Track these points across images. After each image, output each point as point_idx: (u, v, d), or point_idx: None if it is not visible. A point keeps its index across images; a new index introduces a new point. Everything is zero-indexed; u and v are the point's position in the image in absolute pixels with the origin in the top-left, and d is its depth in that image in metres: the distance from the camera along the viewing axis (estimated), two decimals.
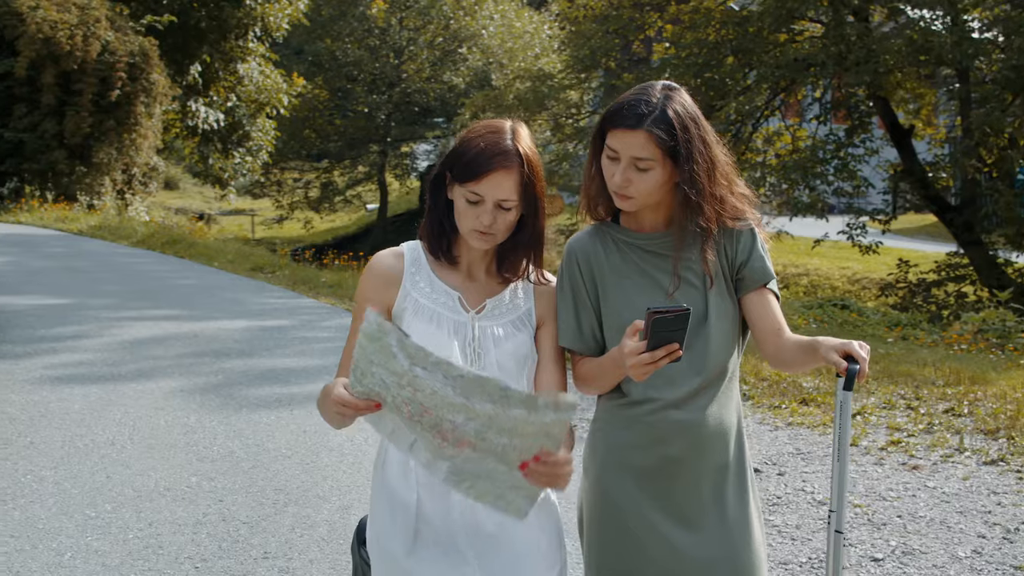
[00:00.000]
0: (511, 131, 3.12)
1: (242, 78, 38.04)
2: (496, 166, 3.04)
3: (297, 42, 47.52)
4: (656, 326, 2.75)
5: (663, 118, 3.06)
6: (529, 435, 2.67)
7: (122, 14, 31.48)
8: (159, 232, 24.83)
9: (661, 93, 3.12)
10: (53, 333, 12.20)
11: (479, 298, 3.21)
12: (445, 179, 3.16)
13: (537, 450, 2.69)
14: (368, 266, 3.26)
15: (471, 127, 3.19)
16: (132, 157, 31.81)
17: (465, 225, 3.10)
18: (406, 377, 2.68)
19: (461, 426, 2.69)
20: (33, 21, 28.49)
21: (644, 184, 3.10)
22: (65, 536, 6.20)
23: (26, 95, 29.85)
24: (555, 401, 2.61)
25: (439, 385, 2.66)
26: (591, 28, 27.93)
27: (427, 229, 3.24)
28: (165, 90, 31.32)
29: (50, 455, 7.67)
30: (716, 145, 3.19)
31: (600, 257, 3.27)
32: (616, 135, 3.10)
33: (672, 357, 2.81)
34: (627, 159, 3.08)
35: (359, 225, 53.30)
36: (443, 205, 3.19)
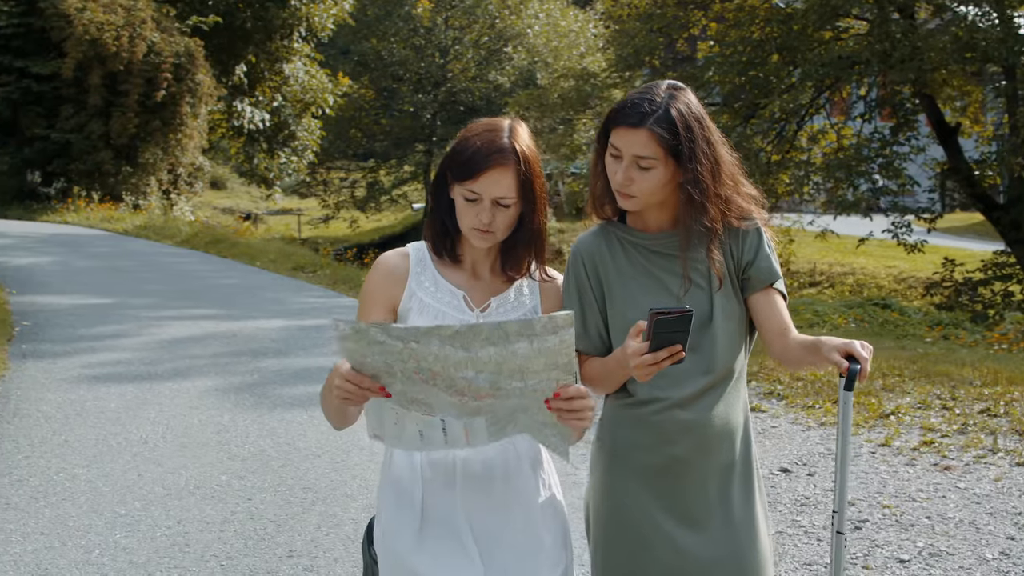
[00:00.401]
0: (508, 129, 3.11)
1: (287, 78, 38.22)
2: (493, 163, 3.04)
3: (343, 42, 47.69)
4: (658, 327, 2.74)
5: (666, 117, 3.05)
6: (540, 370, 2.70)
7: (168, 15, 31.71)
8: (203, 232, 24.98)
9: (666, 92, 3.11)
10: (92, 332, 12.31)
11: (484, 297, 3.21)
12: (446, 179, 3.16)
13: (554, 386, 2.73)
14: (374, 265, 3.26)
15: (469, 126, 3.19)
16: (178, 157, 32.05)
17: (465, 223, 3.10)
18: (404, 353, 2.67)
19: (474, 380, 2.71)
20: (80, 23, 28.74)
21: (646, 183, 3.09)
22: (94, 534, 6.25)
23: (73, 96, 30.14)
24: (551, 320, 2.64)
25: (437, 348, 2.66)
26: (635, 26, 27.83)
27: (430, 229, 3.24)
28: (210, 90, 31.52)
29: (83, 453, 7.73)
30: (721, 145, 3.18)
31: (606, 257, 3.26)
32: (619, 133, 3.08)
33: (675, 358, 2.80)
34: (629, 157, 3.07)
35: (405, 224, 53.36)
36: (445, 205, 3.18)
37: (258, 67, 37.06)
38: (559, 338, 2.66)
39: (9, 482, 7.10)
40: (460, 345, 2.66)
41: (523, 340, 2.65)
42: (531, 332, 2.64)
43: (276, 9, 34.99)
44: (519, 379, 2.72)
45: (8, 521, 6.42)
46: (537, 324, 2.64)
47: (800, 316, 15.19)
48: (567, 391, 2.77)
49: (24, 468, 7.39)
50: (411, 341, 2.66)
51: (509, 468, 3.16)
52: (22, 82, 30.27)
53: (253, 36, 35.71)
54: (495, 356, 2.67)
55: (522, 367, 2.69)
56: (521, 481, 3.18)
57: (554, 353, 2.68)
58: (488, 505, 3.13)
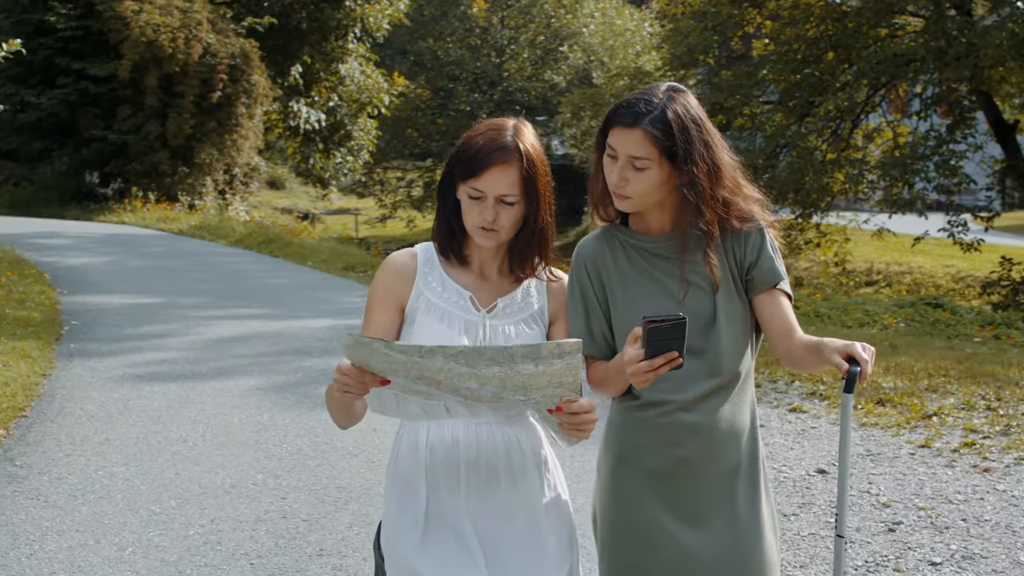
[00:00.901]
0: (513, 128, 3.13)
1: (343, 78, 38.39)
2: (495, 161, 3.05)
3: (400, 42, 47.85)
4: (652, 335, 2.74)
5: (661, 118, 3.04)
6: (543, 386, 2.72)
7: (224, 17, 31.93)
8: (256, 232, 25.14)
9: (664, 94, 3.11)
10: (140, 332, 12.41)
11: (491, 297, 3.21)
12: (452, 179, 3.16)
13: (558, 400, 2.77)
14: (382, 265, 3.27)
15: (474, 126, 3.20)
16: (233, 157, 32.29)
17: (470, 222, 3.11)
18: (409, 363, 2.70)
19: (477, 391, 2.73)
20: (136, 25, 28.99)
21: (640, 184, 3.08)
22: (129, 532, 6.30)
23: (130, 97, 30.42)
24: (559, 347, 2.65)
25: (441, 364, 2.68)
26: (689, 25, 27.76)
27: (437, 230, 3.25)
28: (266, 91, 31.72)
29: (124, 452, 7.79)
30: (721, 149, 3.17)
31: (607, 261, 3.26)
32: (615, 133, 3.09)
33: (672, 365, 2.79)
34: (624, 158, 3.07)
35: None
36: (451, 205, 3.19)
37: (313, 67, 37.24)
38: (565, 363, 2.68)
39: (49, 480, 7.17)
40: (464, 363, 2.68)
41: (529, 362, 2.67)
42: (537, 356, 2.66)
43: (331, 10, 35.14)
44: (522, 394, 2.75)
45: (45, 518, 6.48)
46: (544, 349, 2.66)
47: (850, 315, 15.10)
48: (570, 406, 2.81)
49: (64, 466, 7.46)
50: (415, 356, 2.68)
51: (514, 470, 3.16)
52: (80, 84, 30.58)
53: (308, 37, 35.89)
54: (499, 374, 2.69)
55: (526, 384, 2.72)
56: (526, 483, 3.18)
57: (559, 374, 2.70)
58: (493, 507, 3.14)
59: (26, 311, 13.09)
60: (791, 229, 26.14)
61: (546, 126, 48.03)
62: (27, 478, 7.20)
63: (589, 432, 2.90)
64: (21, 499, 6.81)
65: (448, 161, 3.19)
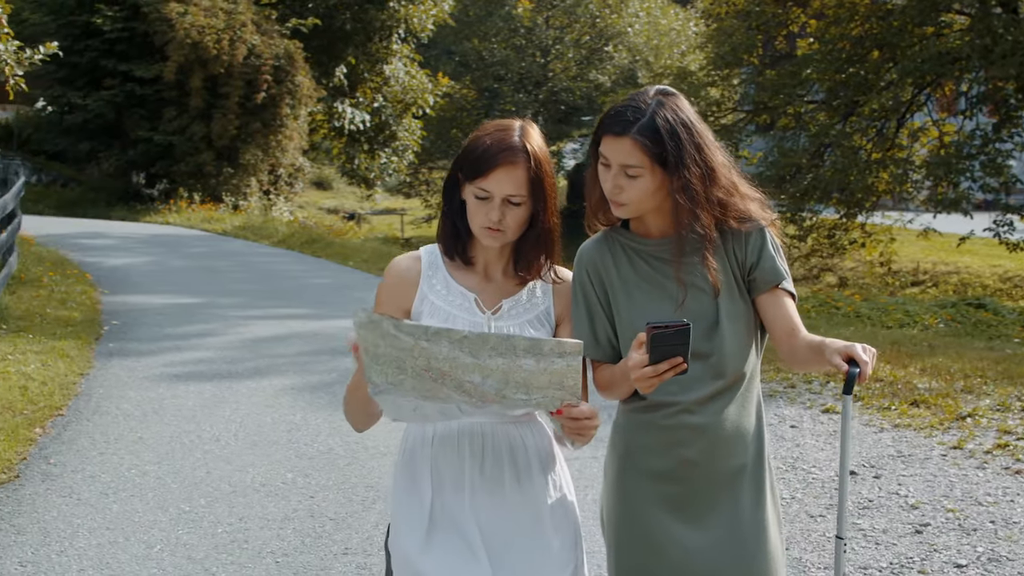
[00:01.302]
0: (520, 129, 3.13)
1: (388, 79, 38.48)
2: (502, 161, 3.05)
3: (445, 43, 47.90)
4: (655, 341, 2.76)
5: (649, 125, 3.04)
6: (544, 387, 2.74)
7: (269, 18, 32.09)
8: (299, 232, 25.27)
9: (653, 99, 3.10)
10: (178, 331, 12.52)
11: (496, 299, 3.22)
12: (458, 179, 3.17)
13: (558, 403, 2.78)
14: (387, 270, 3.29)
15: (481, 126, 3.20)
16: (278, 158, 32.46)
17: (476, 223, 3.11)
18: (415, 350, 2.72)
19: (480, 384, 2.75)
20: (182, 26, 29.19)
21: (635, 191, 3.09)
22: (158, 529, 6.36)
23: (175, 99, 30.63)
24: (559, 345, 2.67)
25: (447, 350, 2.71)
26: (732, 24, 27.68)
27: (441, 231, 3.25)
28: (310, 92, 31.85)
29: (156, 450, 7.86)
30: (714, 150, 3.15)
31: (609, 264, 3.27)
32: (606, 142, 3.09)
33: (677, 370, 2.81)
34: (616, 166, 3.08)
35: None
36: (457, 206, 3.20)
37: (358, 68, 37.36)
38: (566, 363, 2.70)
39: (82, 478, 7.24)
40: (468, 351, 2.70)
41: (530, 357, 2.69)
42: (539, 351, 2.69)
43: (375, 11, 35.25)
44: (524, 392, 2.76)
45: (77, 516, 6.55)
46: (545, 345, 2.69)
47: (890, 316, 14.99)
48: (571, 411, 2.82)
49: (97, 464, 7.53)
50: (421, 339, 2.71)
51: (519, 469, 3.17)
52: (126, 86, 30.81)
53: (353, 38, 36.00)
54: (502, 366, 2.71)
55: (527, 381, 2.73)
56: (531, 482, 3.18)
57: (560, 375, 2.72)
58: (498, 506, 3.14)
59: (67, 311, 13.24)
60: (835, 229, 26.02)
61: (591, 126, 47.98)
62: (60, 476, 7.28)
63: (590, 437, 2.92)
64: (54, 497, 6.89)
65: (454, 161, 3.20)
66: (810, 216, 26.05)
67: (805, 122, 26.58)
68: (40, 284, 15.14)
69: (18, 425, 8.24)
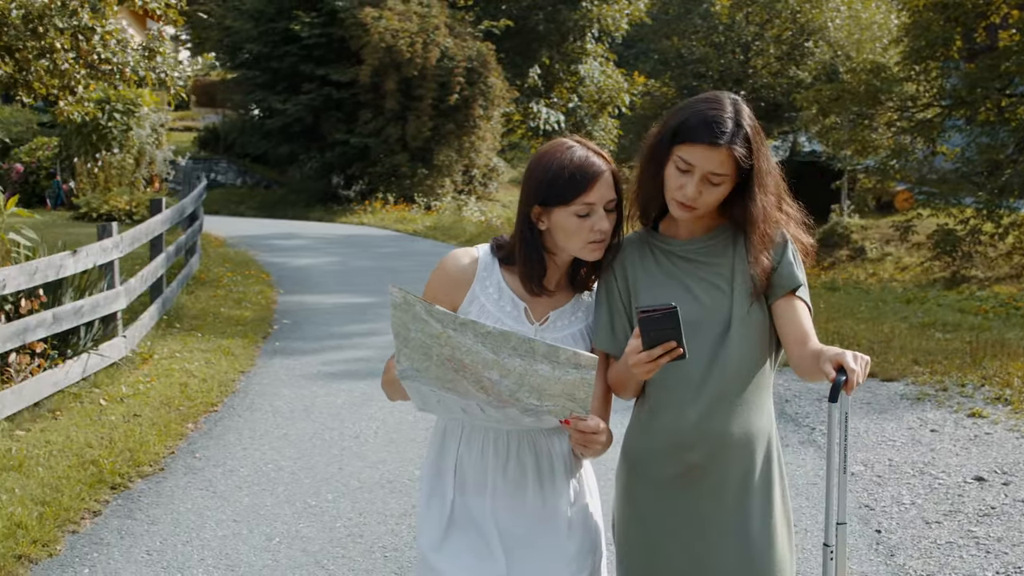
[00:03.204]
0: (580, 143, 3.21)
1: (583, 79, 38.64)
2: (597, 173, 3.14)
3: (645, 41, 47.81)
4: (644, 324, 2.82)
5: (743, 135, 3.09)
6: (556, 395, 2.83)
7: (463, 20, 32.56)
8: (487, 232, 25.55)
9: (732, 107, 3.13)
10: (344, 331, 12.84)
11: (545, 310, 3.29)
12: (531, 212, 3.21)
13: (567, 414, 2.88)
14: (442, 263, 3.35)
15: (541, 154, 3.25)
16: (472, 158, 32.91)
17: (578, 242, 3.17)
18: (442, 337, 2.83)
19: (497, 383, 2.85)
20: (376, 31, 29.81)
21: (712, 197, 3.14)
22: (280, 522, 6.60)
23: (371, 101, 31.26)
24: (576, 355, 2.76)
25: (471, 343, 2.81)
26: (929, 17, 27.02)
27: (525, 268, 3.27)
28: (502, 93, 32.20)
29: (298, 446, 8.13)
30: (771, 159, 3.23)
31: (636, 261, 3.31)
32: (693, 150, 3.09)
33: (672, 355, 2.86)
34: (702, 173, 3.10)
35: None
36: (536, 239, 3.24)
37: (553, 69, 37.61)
38: (580, 375, 2.79)
39: (222, 472, 7.55)
40: (490, 347, 2.80)
41: (547, 363, 2.79)
42: (555, 359, 2.78)
43: (567, 11, 35.46)
44: (536, 398, 2.86)
45: (209, 508, 6.85)
46: (562, 354, 2.78)
47: None
48: (578, 424, 2.91)
49: (239, 459, 7.84)
50: (449, 327, 2.82)
51: (543, 476, 3.25)
52: (323, 89, 31.60)
53: (547, 38, 36.27)
54: (519, 367, 2.80)
55: (541, 387, 2.83)
56: (554, 489, 3.26)
57: (573, 386, 2.81)
58: (518, 510, 3.24)
59: (241, 310, 13.70)
60: None
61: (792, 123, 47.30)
62: (203, 470, 7.60)
63: (595, 451, 3.02)
64: (192, 489, 7.20)
65: (528, 197, 3.23)
66: (1007, 212, 25.33)
67: (1006, 117, 25.82)
68: (219, 284, 15.69)
69: (172, 421, 8.61)
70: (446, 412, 3.12)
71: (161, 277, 12.74)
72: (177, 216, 14.75)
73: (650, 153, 3.25)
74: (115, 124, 23.57)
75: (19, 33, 11.41)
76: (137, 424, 8.41)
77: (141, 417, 8.61)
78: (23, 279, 8.27)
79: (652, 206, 3.32)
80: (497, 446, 3.24)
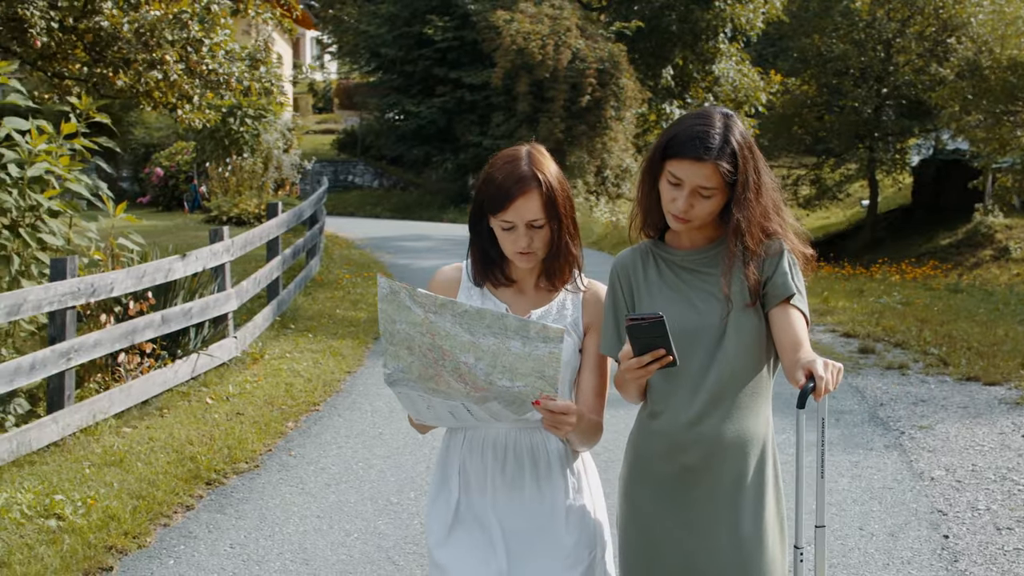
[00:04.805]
0: (527, 156, 3.36)
1: (718, 78, 38.46)
2: (517, 193, 3.29)
3: (783, 39, 47.37)
4: (631, 332, 2.97)
5: (729, 150, 3.22)
6: (527, 373, 2.97)
7: (596, 21, 32.67)
8: (612, 233, 25.63)
9: (721, 123, 3.26)
10: None
11: (526, 309, 3.45)
12: (482, 211, 3.41)
13: (538, 393, 3.01)
14: (431, 279, 3.59)
15: (491, 160, 3.44)
16: (604, 160, 32.96)
17: (508, 250, 3.37)
18: (424, 325, 2.99)
19: (473, 367, 3.00)
20: (508, 33, 30.05)
21: (704, 209, 3.27)
22: (361, 519, 6.84)
23: (503, 104, 31.53)
24: (544, 329, 2.91)
25: (449, 325, 2.97)
26: None
27: (476, 262, 3.51)
28: (634, 94, 32.22)
29: (390, 445, 8.36)
30: (766, 170, 3.34)
31: (639, 269, 3.45)
32: (681, 164, 3.23)
33: (661, 363, 3.00)
34: (691, 187, 3.23)
35: (851, 222, 52.31)
36: (486, 235, 3.45)
37: (687, 69, 37.51)
38: (548, 349, 2.92)
39: (313, 469, 7.81)
40: (467, 327, 2.96)
41: (518, 339, 2.93)
42: (526, 333, 2.92)
43: (700, 11, 35.34)
44: (508, 378, 2.99)
45: (295, 504, 7.11)
46: (532, 328, 2.92)
47: None
48: (548, 404, 3.04)
49: (332, 457, 8.09)
50: (431, 311, 2.98)
51: (540, 473, 3.41)
52: (456, 92, 31.98)
53: (681, 39, 36.19)
54: (493, 346, 2.95)
55: (513, 366, 2.96)
56: (551, 485, 3.41)
57: (542, 363, 2.94)
58: (518, 506, 3.40)
59: (355, 312, 14.00)
60: None
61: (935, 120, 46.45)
62: (296, 467, 7.87)
63: (566, 432, 3.14)
64: (283, 486, 7.47)
65: (475, 195, 3.44)
66: None
67: None
68: (337, 286, 16.01)
69: (273, 419, 8.91)
70: (436, 419, 3.28)
71: (277, 279, 13.11)
72: (294, 220, 15.13)
73: (646, 168, 3.39)
74: (246, 129, 24.16)
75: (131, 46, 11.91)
76: (239, 422, 8.71)
77: (244, 415, 8.91)
78: (130, 282, 8.64)
79: (654, 218, 3.44)
80: (496, 449, 3.40)
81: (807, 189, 48.64)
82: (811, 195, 48.42)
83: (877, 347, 12.13)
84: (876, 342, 12.42)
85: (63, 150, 8.64)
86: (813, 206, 48.67)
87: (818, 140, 47.75)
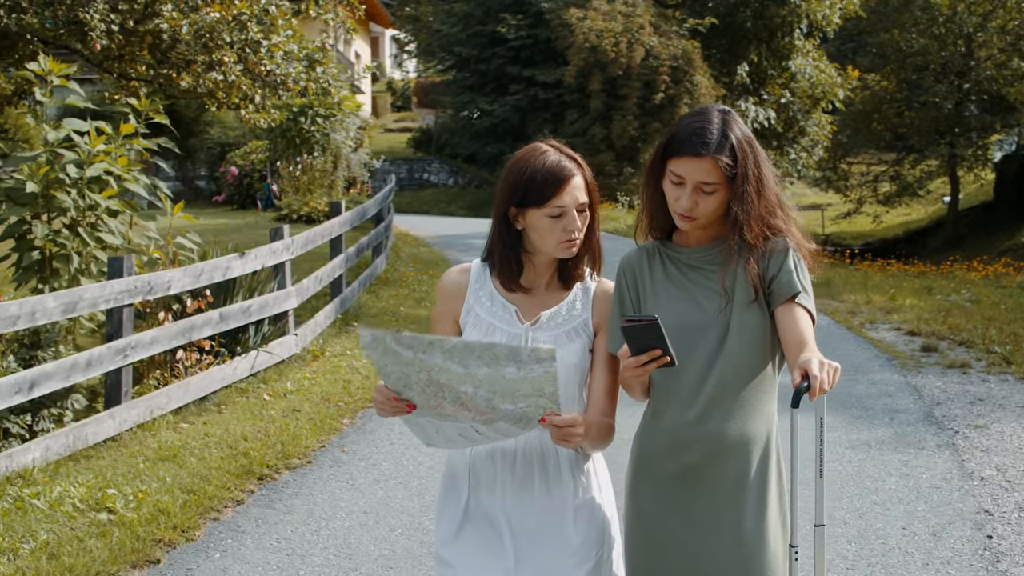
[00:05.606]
0: (554, 148, 3.38)
1: (794, 75, 38.19)
2: (566, 176, 3.30)
3: (862, 35, 46.91)
4: (626, 333, 2.99)
5: (728, 145, 3.24)
6: (528, 394, 2.98)
7: (669, 18, 32.58)
8: None
9: (719, 119, 3.28)
10: None
11: (535, 311, 3.46)
12: (508, 214, 3.38)
13: (542, 411, 3.03)
14: (438, 283, 3.61)
15: (516, 159, 3.42)
16: None
17: (552, 241, 3.34)
18: (415, 364, 3.01)
19: (474, 395, 3.01)
20: (581, 31, 30.09)
21: (709, 206, 3.29)
22: (406, 515, 6.90)
23: (576, 102, 31.57)
24: (535, 351, 2.91)
25: (441, 361, 2.98)
26: None
27: (499, 267, 3.47)
28: (708, 91, 32.10)
29: None
30: (766, 165, 3.35)
31: (644, 268, 3.47)
32: (682, 162, 3.26)
33: (659, 363, 3.03)
34: (693, 184, 3.25)
35: (931, 219, 51.67)
36: (511, 239, 3.42)
37: (762, 65, 37.29)
38: (543, 369, 2.92)
39: (365, 465, 7.90)
40: (458, 361, 2.96)
41: (512, 364, 2.93)
42: (518, 359, 2.92)
43: (775, 7, 35.12)
44: (511, 401, 3.01)
45: (343, 500, 7.20)
46: (523, 352, 2.92)
47: None
48: (553, 419, 3.06)
49: (383, 453, 8.18)
50: (419, 352, 2.99)
51: (548, 473, 3.44)
52: (529, 90, 32.08)
53: (756, 35, 36.00)
54: (488, 375, 2.96)
55: (512, 390, 2.97)
56: (560, 485, 3.44)
57: (539, 382, 2.95)
58: (527, 506, 3.43)
59: (419, 309, 14.09)
60: None
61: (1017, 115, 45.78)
62: (348, 463, 7.96)
63: (576, 442, 3.14)
64: (333, 481, 7.56)
65: (502, 199, 3.40)
66: None
67: None
68: (403, 283, 16.12)
69: (328, 416, 9.02)
70: (448, 443, 3.31)
71: (340, 277, 13.22)
72: (358, 218, 15.25)
73: (648, 171, 3.42)
74: (317, 128, 24.35)
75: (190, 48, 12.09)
76: (294, 418, 8.82)
77: (300, 412, 9.02)
78: (188, 280, 8.78)
79: (659, 221, 3.47)
80: (505, 449, 3.43)
81: (887, 186, 48.08)
82: (891, 192, 47.87)
83: (941, 345, 12.02)
84: (940, 340, 12.31)
85: (122, 151, 8.79)
86: (893, 203, 48.11)
87: (898, 136, 47.20)
